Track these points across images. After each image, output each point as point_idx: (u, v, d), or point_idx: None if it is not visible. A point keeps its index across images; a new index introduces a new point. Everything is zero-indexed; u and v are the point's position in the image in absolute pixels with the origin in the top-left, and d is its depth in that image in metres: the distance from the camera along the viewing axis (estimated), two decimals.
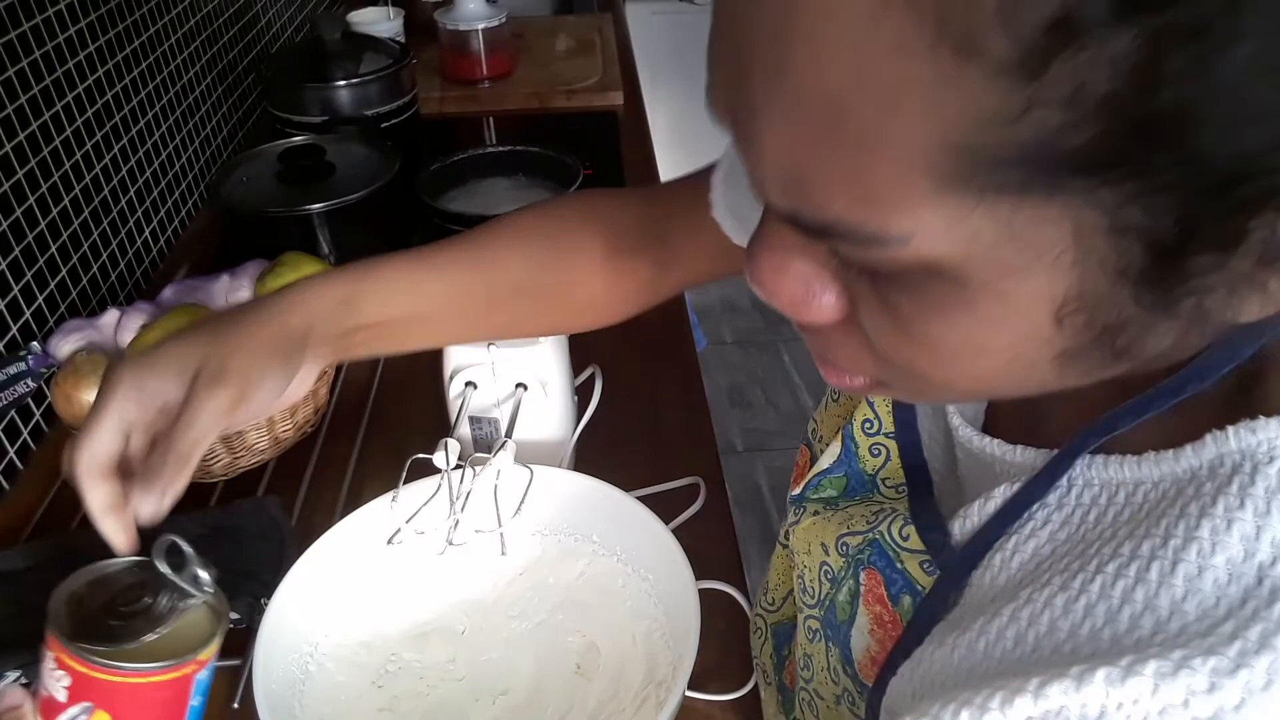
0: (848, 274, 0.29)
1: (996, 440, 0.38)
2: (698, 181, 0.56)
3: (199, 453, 0.46)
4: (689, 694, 0.60)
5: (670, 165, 1.45)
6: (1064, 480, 0.34)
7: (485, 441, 0.73)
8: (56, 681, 0.44)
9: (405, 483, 0.63)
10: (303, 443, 0.84)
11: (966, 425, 0.40)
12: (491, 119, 1.50)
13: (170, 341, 0.48)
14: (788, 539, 0.56)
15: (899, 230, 0.24)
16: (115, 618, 0.46)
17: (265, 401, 0.49)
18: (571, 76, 1.56)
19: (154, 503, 0.45)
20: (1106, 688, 0.26)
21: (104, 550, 0.46)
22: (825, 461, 0.48)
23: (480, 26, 1.50)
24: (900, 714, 0.33)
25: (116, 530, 0.46)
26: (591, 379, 0.76)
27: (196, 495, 0.79)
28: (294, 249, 0.85)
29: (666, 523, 0.61)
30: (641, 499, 0.63)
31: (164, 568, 0.46)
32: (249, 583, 0.67)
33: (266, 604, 0.57)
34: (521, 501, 0.63)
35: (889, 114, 0.22)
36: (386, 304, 0.54)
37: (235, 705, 0.63)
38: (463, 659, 0.62)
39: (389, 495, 0.63)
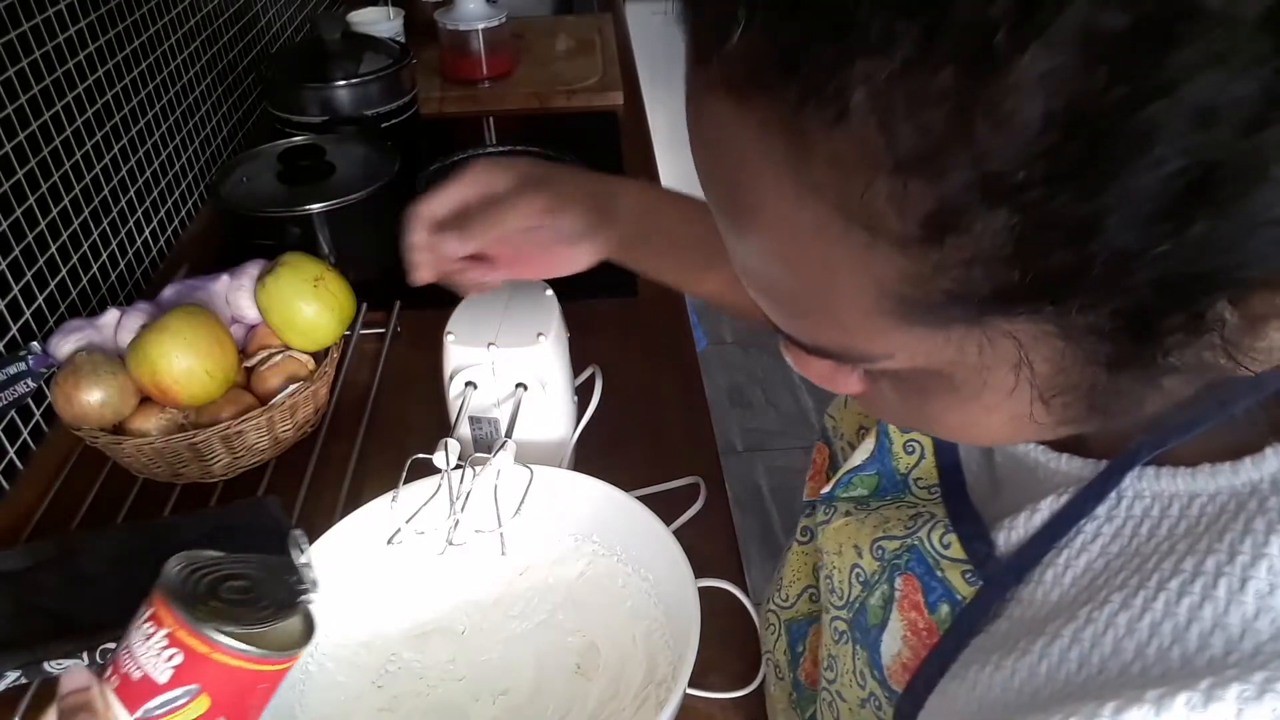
0: None
1: (1041, 446, 0.38)
2: None
3: (501, 228, 0.57)
4: (690, 692, 0.60)
5: (670, 165, 1.45)
6: (1113, 492, 0.33)
7: (485, 441, 0.73)
8: (163, 660, 0.41)
9: (405, 483, 0.63)
10: (303, 443, 0.84)
11: None
12: (491, 119, 1.50)
13: (519, 158, 0.61)
14: (807, 536, 0.56)
15: (881, 350, 0.27)
16: (223, 604, 0.44)
17: (560, 231, 0.58)
18: (571, 76, 1.56)
19: (453, 243, 0.57)
20: (1188, 712, 0.26)
21: (109, 551, 0.46)
22: (859, 457, 0.48)
23: (480, 26, 1.50)
24: None
25: (421, 265, 0.59)
26: (591, 379, 0.76)
27: (197, 495, 0.79)
28: (294, 249, 0.84)
29: (667, 523, 0.61)
30: (641, 499, 0.63)
31: (301, 558, 0.46)
32: None
33: None
34: (521, 501, 0.63)
35: (831, 276, 0.25)
36: (674, 230, 0.62)
37: None
38: (463, 659, 0.62)
39: (389, 495, 0.63)
